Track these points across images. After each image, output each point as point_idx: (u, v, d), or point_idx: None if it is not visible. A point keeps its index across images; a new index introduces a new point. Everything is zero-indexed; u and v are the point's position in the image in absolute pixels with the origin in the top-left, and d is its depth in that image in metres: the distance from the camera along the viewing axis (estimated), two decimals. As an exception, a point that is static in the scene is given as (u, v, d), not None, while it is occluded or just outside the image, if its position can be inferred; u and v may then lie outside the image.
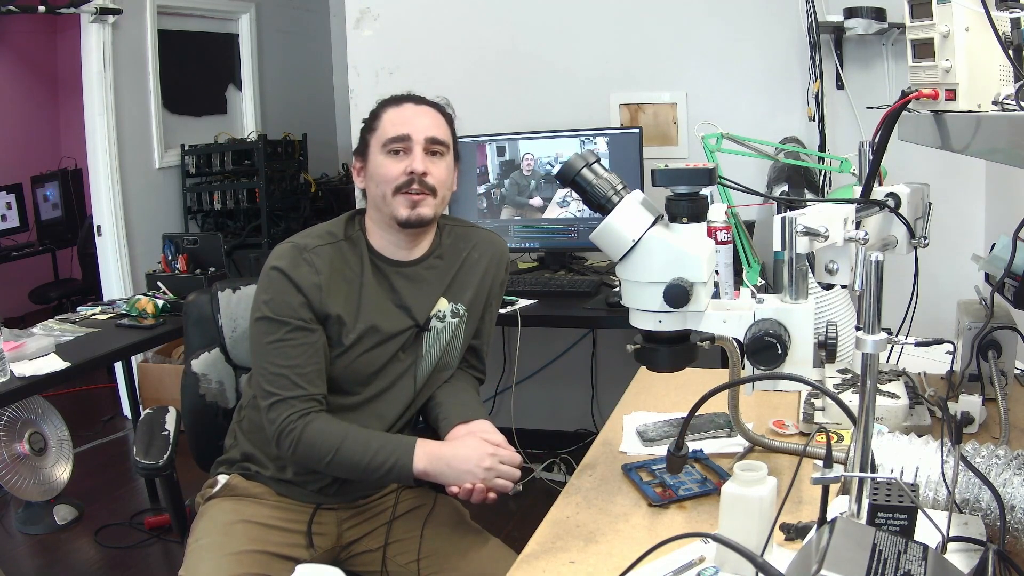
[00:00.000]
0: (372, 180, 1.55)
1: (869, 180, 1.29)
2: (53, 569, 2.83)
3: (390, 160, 1.52)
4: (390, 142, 1.52)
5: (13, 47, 6.15)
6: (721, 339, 1.14)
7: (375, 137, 1.55)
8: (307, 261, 1.50)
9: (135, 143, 4.32)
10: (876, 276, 0.88)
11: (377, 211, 1.56)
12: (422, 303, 1.59)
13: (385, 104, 1.59)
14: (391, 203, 1.51)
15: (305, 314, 1.48)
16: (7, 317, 4.52)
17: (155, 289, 3.00)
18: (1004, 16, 1.02)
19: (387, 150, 1.52)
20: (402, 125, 1.53)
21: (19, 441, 2.92)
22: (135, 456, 1.66)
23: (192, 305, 1.85)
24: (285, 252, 1.52)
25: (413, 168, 1.51)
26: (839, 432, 1.35)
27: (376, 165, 1.54)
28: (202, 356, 1.80)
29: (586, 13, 3.18)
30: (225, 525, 1.52)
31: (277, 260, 1.51)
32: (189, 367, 1.79)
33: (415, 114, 1.56)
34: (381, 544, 1.58)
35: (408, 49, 3.36)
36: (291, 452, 1.46)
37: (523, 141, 3.01)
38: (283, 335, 1.47)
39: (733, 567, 0.98)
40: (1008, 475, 1.00)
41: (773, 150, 2.33)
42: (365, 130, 1.59)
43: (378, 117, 1.57)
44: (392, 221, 1.53)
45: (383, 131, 1.54)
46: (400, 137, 1.52)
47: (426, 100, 1.60)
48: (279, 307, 1.48)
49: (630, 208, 1.06)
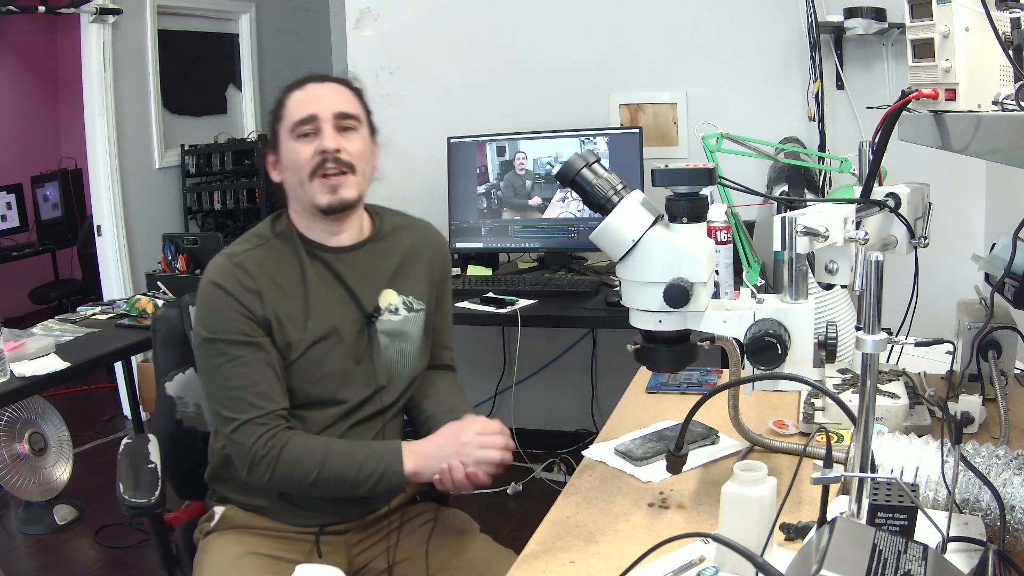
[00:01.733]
0: (287, 169, 1.47)
1: (869, 180, 1.29)
2: (53, 569, 2.83)
3: (300, 144, 1.44)
4: (297, 125, 1.44)
5: (13, 47, 6.15)
6: (721, 339, 1.14)
7: (283, 125, 1.47)
8: (239, 266, 1.42)
9: (135, 143, 4.32)
10: (876, 276, 0.88)
11: (297, 200, 1.48)
12: (368, 290, 1.51)
13: (287, 89, 1.51)
14: (309, 190, 1.44)
15: (247, 327, 1.40)
16: (7, 317, 4.51)
17: (155, 289, 3.00)
18: (1004, 16, 1.02)
19: (296, 134, 1.44)
20: (307, 105, 1.45)
21: (19, 441, 2.92)
22: (121, 493, 1.50)
23: (160, 321, 1.70)
24: (215, 265, 1.45)
25: (324, 147, 1.42)
26: (839, 432, 1.35)
27: (287, 152, 1.46)
28: (176, 378, 1.67)
29: (586, 13, 3.18)
30: (233, 559, 1.43)
31: (209, 274, 1.43)
32: (163, 391, 1.66)
33: (320, 92, 1.48)
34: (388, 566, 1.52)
35: (408, 49, 3.37)
36: (268, 477, 1.37)
37: (522, 141, 3.01)
38: (229, 354, 1.39)
39: (733, 567, 0.98)
40: (1008, 475, 1.00)
41: (773, 150, 2.33)
42: (272, 121, 1.50)
43: (282, 104, 1.49)
44: (314, 209, 1.45)
45: (289, 115, 1.46)
46: (307, 118, 1.43)
47: (329, 77, 1.52)
48: (218, 325, 1.40)
49: (630, 208, 1.06)
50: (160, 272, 3.10)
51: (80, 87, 4.13)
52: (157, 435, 1.66)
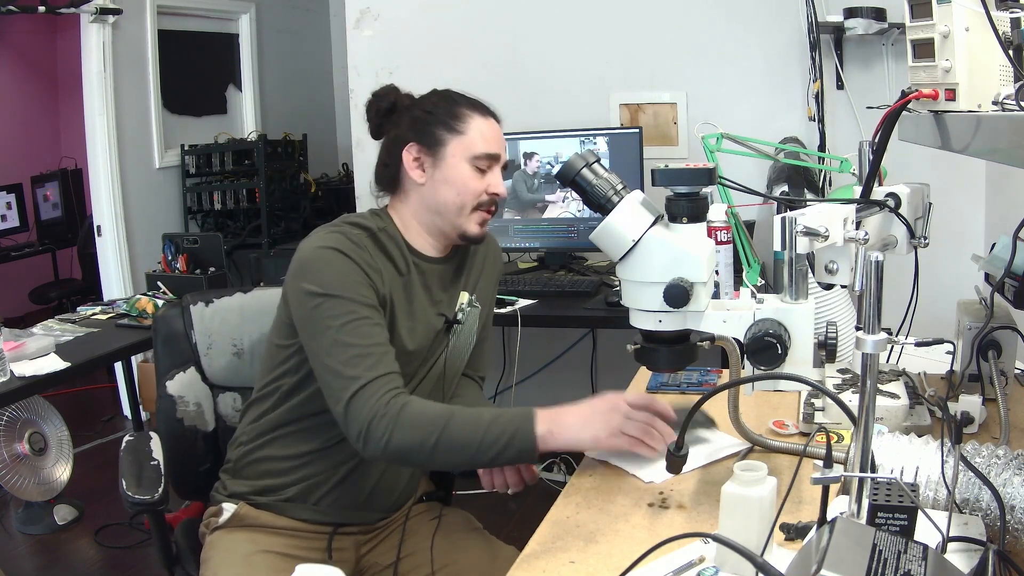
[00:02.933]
0: (448, 184, 1.45)
1: (869, 180, 1.29)
2: (53, 569, 2.83)
3: (476, 174, 1.46)
4: (482, 158, 1.46)
5: (13, 47, 6.15)
6: (721, 339, 1.14)
7: (460, 143, 1.46)
8: (356, 243, 1.39)
9: (135, 143, 4.32)
10: (876, 276, 0.88)
11: (435, 215, 1.47)
12: (451, 298, 1.55)
13: (470, 108, 1.50)
14: (466, 216, 1.46)
15: (371, 294, 1.37)
16: (7, 317, 4.52)
17: (155, 289, 3.00)
18: (1004, 16, 1.02)
19: (476, 165, 1.46)
20: (495, 143, 1.48)
21: (19, 441, 2.92)
22: (125, 490, 1.49)
23: (161, 321, 1.71)
24: (326, 236, 1.40)
25: (499, 192, 1.48)
26: (839, 432, 1.35)
27: (458, 172, 1.45)
28: (177, 377, 1.68)
29: (586, 13, 3.18)
30: (244, 556, 1.43)
31: (327, 242, 1.38)
32: (164, 389, 1.66)
33: (499, 133, 1.52)
34: (393, 560, 1.53)
35: (408, 49, 3.36)
36: (385, 440, 1.27)
37: (523, 141, 3.01)
38: (356, 313, 1.33)
39: (733, 567, 0.98)
40: (1008, 475, 1.00)
41: (773, 150, 2.33)
42: (440, 125, 1.47)
43: (464, 120, 1.47)
44: (453, 232, 1.48)
45: (472, 142, 1.46)
46: (493, 156, 1.47)
47: (494, 111, 1.54)
48: (345, 283, 1.35)
49: (630, 208, 1.06)
50: (160, 272, 3.10)
51: (80, 87, 4.13)
52: (158, 433, 1.66)
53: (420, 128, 1.47)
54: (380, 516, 1.55)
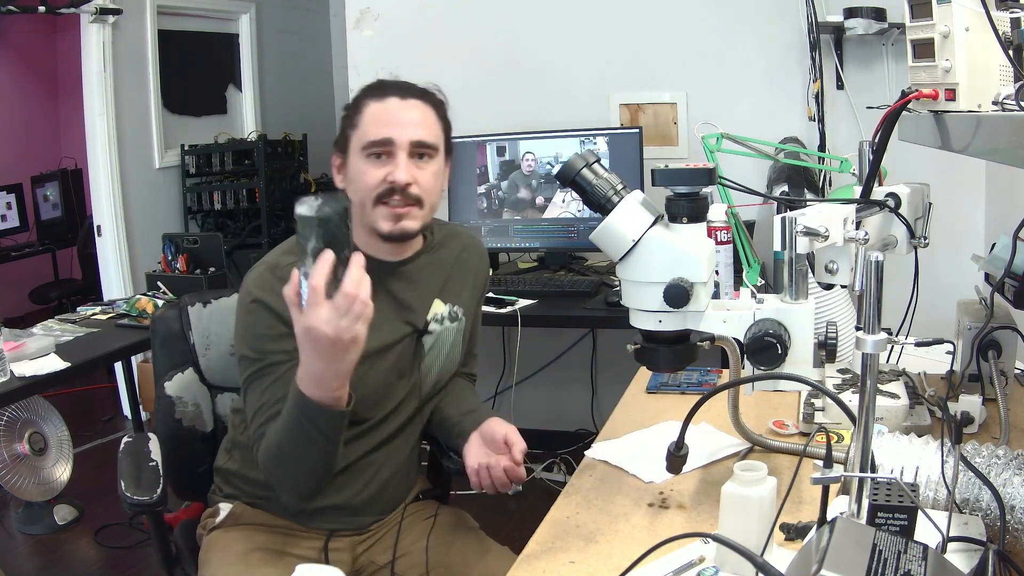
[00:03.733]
0: (352, 184, 1.40)
1: (869, 180, 1.29)
2: (53, 569, 2.83)
3: (370, 165, 1.37)
4: (371, 146, 1.37)
5: (13, 47, 6.15)
6: (721, 339, 1.14)
7: (355, 135, 1.39)
8: (280, 280, 1.28)
9: (135, 143, 4.32)
10: (876, 276, 0.88)
11: (357, 218, 1.41)
12: (420, 304, 1.49)
13: (367, 95, 1.41)
14: (371, 213, 1.38)
15: (288, 344, 1.29)
16: (7, 317, 4.52)
17: (155, 289, 3.00)
18: (1004, 16, 1.02)
19: (367, 153, 1.37)
20: (385, 126, 1.37)
21: (19, 441, 2.92)
22: (123, 491, 1.48)
23: (159, 322, 1.69)
24: (255, 278, 1.39)
25: (396, 179, 1.35)
26: (839, 432, 1.35)
27: (355, 169, 1.39)
28: (175, 377, 1.66)
29: (586, 13, 3.18)
30: (241, 555, 1.41)
31: (248, 287, 1.38)
32: (162, 390, 1.65)
33: (400, 111, 1.39)
34: (389, 560, 1.51)
35: (408, 49, 3.36)
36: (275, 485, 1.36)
37: (523, 141, 3.01)
38: (265, 373, 1.35)
39: (733, 567, 0.98)
40: (1008, 475, 1.00)
41: (773, 150, 2.33)
42: (345, 122, 1.42)
43: (359, 110, 1.40)
44: (370, 229, 1.40)
45: (364, 131, 1.38)
46: (382, 141, 1.36)
47: (414, 90, 1.43)
48: (257, 343, 1.36)
49: (630, 208, 1.06)
50: (160, 272, 3.10)
51: (80, 87, 4.13)
52: (157, 434, 1.65)
53: (339, 135, 1.44)
54: (374, 519, 1.53)
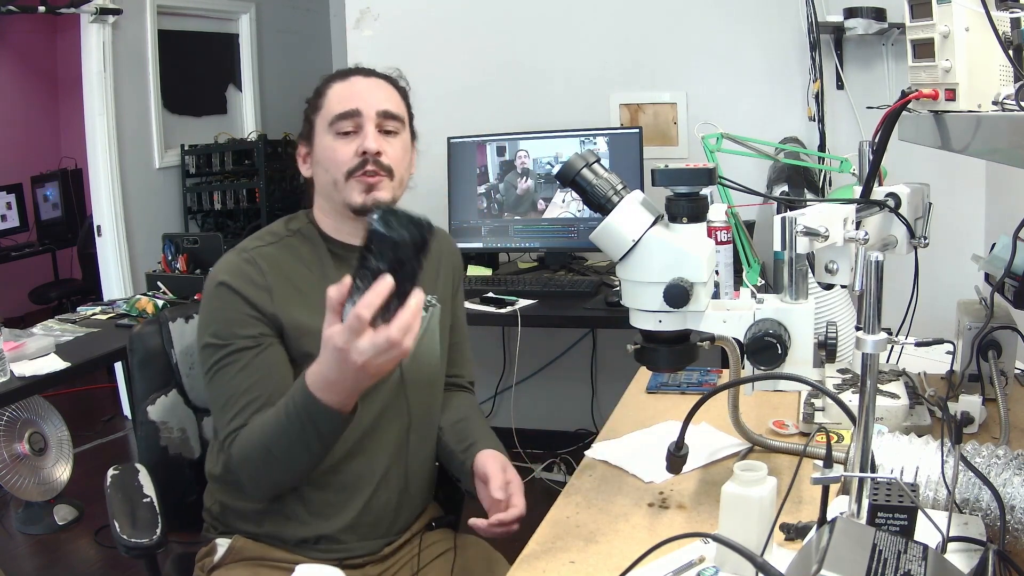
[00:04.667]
0: (320, 165, 1.38)
1: (869, 180, 1.29)
2: (53, 569, 2.83)
3: (339, 142, 1.35)
4: (338, 119, 1.35)
5: (13, 47, 6.15)
6: (721, 339, 1.14)
7: (320, 116, 1.38)
8: (249, 262, 1.33)
9: (135, 143, 4.32)
10: (876, 276, 0.88)
11: (328, 200, 1.39)
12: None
13: (330, 79, 1.41)
14: (344, 189, 1.35)
15: (253, 329, 1.29)
16: (7, 317, 4.52)
17: (155, 289, 3.00)
18: (1004, 16, 1.02)
19: (335, 130, 1.35)
20: (350, 100, 1.36)
21: (19, 441, 2.92)
22: (118, 532, 1.32)
23: (137, 339, 1.54)
24: (223, 262, 1.35)
25: (366, 147, 1.34)
26: (839, 432, 1.34)
27: (323, 148, 1.37)
28: (159, 401, 1.53)
29: (586, 13, 3.18)
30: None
31: (215, 272, 1.34)
32: (145, 415, 1.51)
33: (365, 87, 1.40)
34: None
35: (408, 49, 3.36)
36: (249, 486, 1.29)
37: (523, 141, 3.01)
38: (231, 360, 1.29)
39: (733, 567, 0.98)
40: (1008, 475, 1.00)
41: (773, 150, 2.33)
42: (309, 110, 1.41)
43: (322, 94, 1.39)
44: (345, 209, 1.37)
45: (329, 108, 1.37)
46: (349, 113, 1.35)
47: (376, 72, 1.44)
48: (222, 328, 1.30)
49: (630, 208, 1.06)
50: (160, 272, 3.10)
51: (80, 87, 4.13)
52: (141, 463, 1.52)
53: (303, 123, 1.43)
54: (384, 541, 1.42)
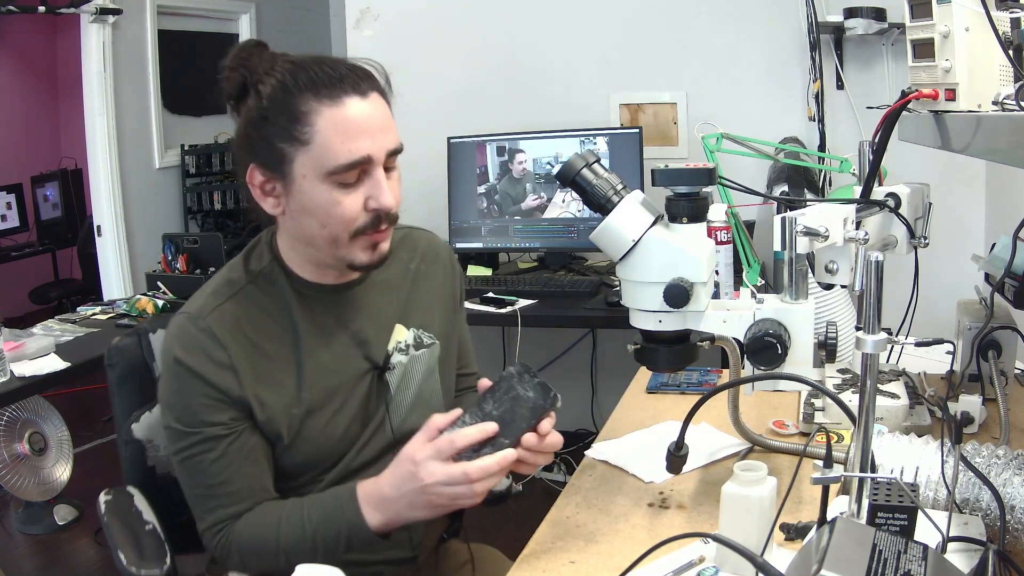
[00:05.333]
0: (310, 216, 1.10)
1: (869, 180, 1.29)
2: (53, 569, 2.83)
3: (342, 193, 1.08)
4: (344, 171, 1.07)
5: (13, 47, 6.15)
6: (721, 339, 1.14)
7: (308, 156, 1.06)
8: (205, 332, 1.12)
9: (135, 143, 4.32)
10: (876, 276, 0.88)
11: (311, 248, 1.15)
12: (377, 334, 1.24)
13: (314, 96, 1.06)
14: (345, 248, 1.12)
15: (219, 415, 1.13)
16: (7, 317, 4.52)
17: (155, 289, 3.00)
18: (1004, 16, 1.02)
19: (337, 181, 1.07)
20: (356, 140, 1.06)
21: (19, 441, 2.92)
22: (124, 564, 1.20)
23: (115, 353, 1.40)
24: (178, 330, 1.14)
25: (384, 205, 1.10)
26: (839, 432, 1.34)
27: (319, 200, 1.08)
28: (143, 418, 1.39)
29: (586, 13, 3.18)
30: None
31: (171, 343, 1.15)
32: (129, 434, 1.37)
33: (366, 118, 1.08)
34: None
35: (408, 49, 3.36)
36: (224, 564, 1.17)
37: (523, 141, 3.01)
38: (196, 444, 1.13)
39: (733, 567, 0.98)
40: (1008, 475, 1.00)
41: (773, 150, 2.33)
42: (278, 134, 1.07)
43: (306, 122, 1.06)
44: (341, 264, 1.16)
45: (327, 150, 1.06)
46: (359, 162, 1.07)
47: (363, 78, 1.10)
48: (184, 414, 1.13)
49: (630, 208, 1.06)
50: (160, 272, 3.10)
51: (80, 87, 4.13)
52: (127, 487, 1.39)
53: (256, 140, 1.09)
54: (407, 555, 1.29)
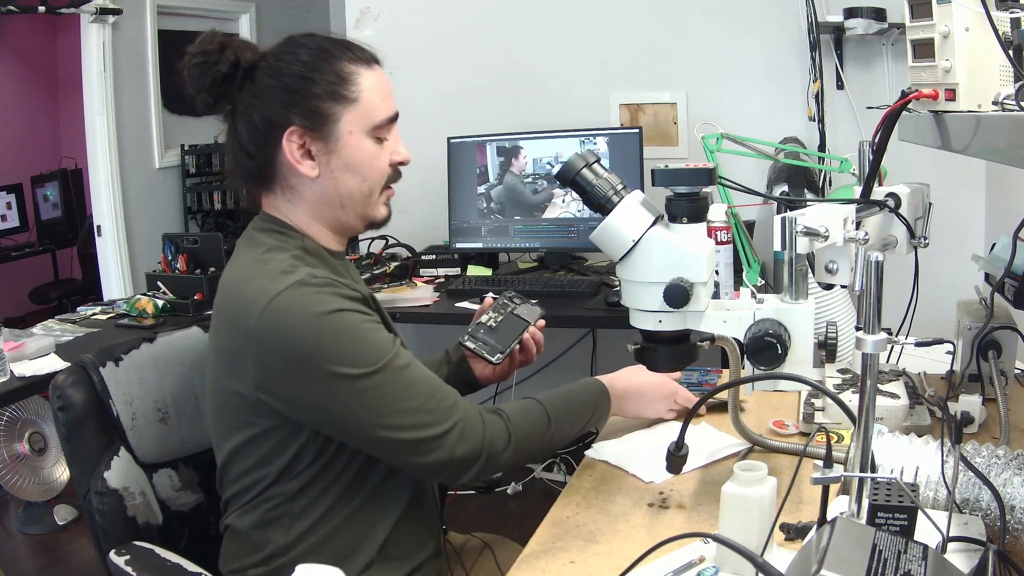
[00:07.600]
0: (351, 171, 1.17)
1: (869, 180, 1.29)
2: (53, 569, 2.83)
3: (379, 148, 1.19)
4: (387, 124, 1.19)
5: (13, 47, 6.15)
6: (721, 339, 1.14)
7: (355, 112, 1.15)
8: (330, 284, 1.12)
9: (135, 143, 4.32)
10: (876, 276, 0.88)
11: (338, 209, 1.20)
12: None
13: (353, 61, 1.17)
14: (374, 203, 1.22)
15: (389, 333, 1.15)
16: (7, 317, 4.51)
17: (155, 289, 3.00)
18: (1004, 16, 1.02)
19: (376, 135, 1.19)
20: (389, 99, 1.20)
21: (19, 441, 2.92)
22: None
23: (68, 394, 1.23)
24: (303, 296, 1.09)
25: (404, 159, 1.22)
26: (839, 432, 1.35)
27: (363, 153, 1.17)
28: (114, 463, 1.24)
29: (586, 13, 3.18)
30: None
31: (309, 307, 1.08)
32: (104, 484, 1.22)
33: (387, 81, 1.22)
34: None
35: (408, 49, 3.36)
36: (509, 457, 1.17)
37: (523, 141, 3.01)
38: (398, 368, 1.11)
39: (733, 567, 0.98)
40: (1008, 475, 1.00)
41: (773, 150, 2.33)
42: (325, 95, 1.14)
43: (354, 82, 1.15)
44: (360, 222, 1.23)
45: (370, 107, 1.16)
46: (393, 118, 1.20)
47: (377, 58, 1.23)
48: (363, 351, 1.10)
49: (630, 208, 1.06)
50: (160, 272, 3.09)
51: (80, 87, 4.13)
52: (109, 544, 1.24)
53: (299, 102, 1.14)
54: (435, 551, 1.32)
